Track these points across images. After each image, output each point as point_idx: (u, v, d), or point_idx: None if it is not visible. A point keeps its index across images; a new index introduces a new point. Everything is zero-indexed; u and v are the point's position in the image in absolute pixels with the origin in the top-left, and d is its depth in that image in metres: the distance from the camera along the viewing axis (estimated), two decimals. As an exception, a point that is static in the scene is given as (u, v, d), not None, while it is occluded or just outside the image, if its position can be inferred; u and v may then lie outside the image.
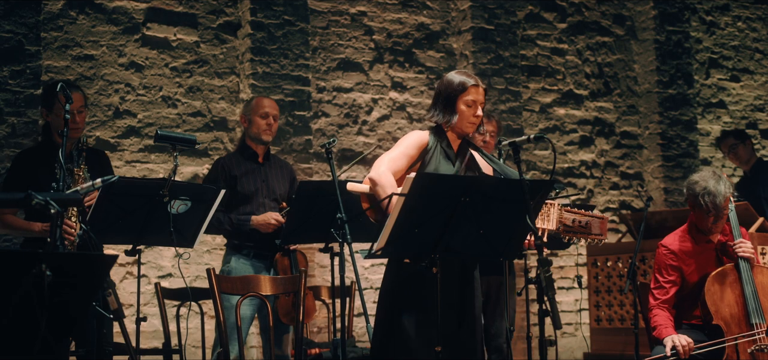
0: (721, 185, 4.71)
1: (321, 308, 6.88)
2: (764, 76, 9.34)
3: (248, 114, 5.54)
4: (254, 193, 5.42)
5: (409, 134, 4.14)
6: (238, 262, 5.37)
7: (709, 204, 4.71)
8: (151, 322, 6.36)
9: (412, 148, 4.06)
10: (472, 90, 4.06)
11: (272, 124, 5.51)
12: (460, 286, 3.97)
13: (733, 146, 7.38)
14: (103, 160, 5.14)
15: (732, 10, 9.28)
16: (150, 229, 4.46)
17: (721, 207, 4.72)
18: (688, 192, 4.83)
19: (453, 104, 4.07)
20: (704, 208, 4.73)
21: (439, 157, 4.05)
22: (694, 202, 4.80)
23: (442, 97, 4.11)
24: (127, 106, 6.81)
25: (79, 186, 4.25)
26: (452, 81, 4.10)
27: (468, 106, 4.06)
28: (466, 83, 4.07)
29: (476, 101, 4.07)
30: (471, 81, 4.08)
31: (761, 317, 4.65)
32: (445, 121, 4.09)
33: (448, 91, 4.09)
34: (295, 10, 7.24)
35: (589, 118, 8.55)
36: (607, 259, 6.88)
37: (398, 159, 4.01)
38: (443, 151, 4.09)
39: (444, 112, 4.09)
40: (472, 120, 4.08)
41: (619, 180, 8.62)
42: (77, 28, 6.69)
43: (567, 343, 8.00)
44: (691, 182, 4.83)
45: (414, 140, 4.08)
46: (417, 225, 3.60)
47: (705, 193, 4.71)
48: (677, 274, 4.86)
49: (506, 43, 8.03)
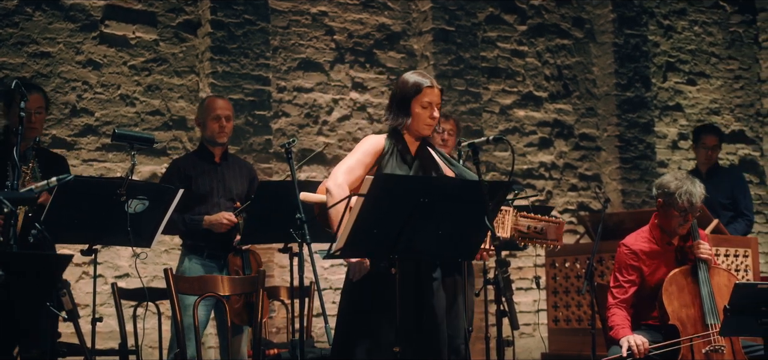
0: (696, 186, 4.79)
1: (280, 308, 6.86)
2: (720, 80, 9.48)
3: (201, 118, 5.51)
4: (209, 193, 5.38)
5: (365, 140, 4.12)
6: (191, 263, 5.33)
7: (686, 202, 4.75)
8: (107, 323, 6.30)
9: (367, 156, 4.04)
10: (427, 91, 4.02)
11: (225, 126, 5.46)
12: (416, 287, 3.97)
13: (715, 147, 7.41)
14: (61, 165, 5.07)
15: (689, 15, 9.40)
16: (107, 228, 4.42)
17: (697, 207, 4.78)
18: (662, 191, 4.83)
19: (407, 106, 4.04)
20: (680, 206, 4.76)
21: (395, 161, 4.04)
22: (668, 200, 4.80)
23: (396, 99, 4.08)
24: (84, 104, 6.73)
25: (32, 185, 4.19)
26: (407, 83, 4.07)
27: (424, 108, 4.03)
28: (421, 85, 4.03)
29: (432, 103, 4.03)
30: (426, 82, 4.04)
31: (717, 318, 4.71)
32: (399, 123, 4.06)
33: (402, 93, 4.07)
34: (256, 9, 7.21)
35: (549, 120, 8.61)
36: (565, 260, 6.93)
37: (355, 168, 4.00)
38: (399, 154, 4.06)
39: (398, 115, 4.07)
40: (429, 121, 4.05)
41: (578, 182, 8.69)
42: (33, 24, 6.60)
43: (525, 343, 8.05)
44: (666, 181, 4.85)
45: (369, 147, 4.07)
46: (376, 226, 3.60)
47: (683, 191, 4.75)
48: (637, 273, 4.91)
49: (467, 44, 8.06)
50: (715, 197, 7.31)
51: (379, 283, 3.89)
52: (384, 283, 3.84)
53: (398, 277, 3.71)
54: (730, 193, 7.30)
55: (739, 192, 7.35)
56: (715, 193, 7.32)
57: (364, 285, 3.97)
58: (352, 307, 4.01)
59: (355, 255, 3.85)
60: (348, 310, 4.04)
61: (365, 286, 3.97)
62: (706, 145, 7.45)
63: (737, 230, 7.14)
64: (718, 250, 6.21)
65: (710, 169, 7.42)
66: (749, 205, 7.37)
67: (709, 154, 7.42)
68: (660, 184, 4.89)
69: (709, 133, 7.49)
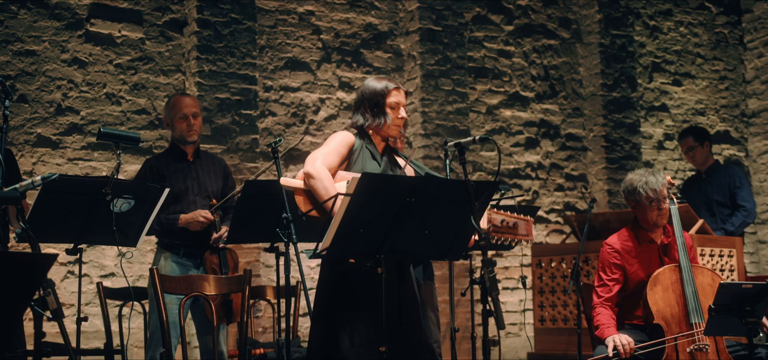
0: (657, 175, 4.90)
1: (266, 308, 6.85)
2: (705, 81, 9.52)
3: (169, 117, 5.42)
4: (184, 192, 5.33)
5: (338, 133, 4.22)
6: (166, 262, 5.29)
7: (649, 193, 4.83)
8: (92, 322, 6.28)
9: (342, 146, 4.14)
10: (394, 93, 4.19)
11: (193, 124, 5.37)
12: (397, 285, 3.97)
13: (690, 148, 7.47)
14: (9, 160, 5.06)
15: (674, 16, 9.44)
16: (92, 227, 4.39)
17: (661, 193, 4.85)
18: (628, 190, 4.95)
19: (382, 107, 4.18)
20: (645, 198, 4.84)
21: (365, 157, 4.14)
22: (635, 197, 4.91)
23: (368, 102, 4.21)
24: (69, 102, 6.70)
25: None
26: (376, 86, 4.22)
27: (392, 109, 4.19)
28: (388, 87, 4.20)
29: (399, 103, 4.19)
30: (393, 84, 4.22)
31: (700, 317, 4.73)
32: (375, 124, 4.19)
33: (374, 96, 4.20)
34: (243, 8, 7.19)
35: (535, 120, 8.63)
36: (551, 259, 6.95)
37: (331, 155, 4.07)
38: (369, 152, 4.18)
39: (374, 116, 4.20)
40: (397, 122, 4.20)
41: (564, 181, 8.72)
42: (18, 22, 6.57)
43: (511, 343, 8.06)
44: (628, 180, 4.98)
45: (344, 139, 4.17)
46: (362, 225, 3.61)
47: (644, 183, 4.85)
48: (620, 272, 4.93)
49: (454, 44, 8.07)
50: (712, 196, 7.35)
51: (353, 281, 3.91)
52: (357, 281, 3.87)
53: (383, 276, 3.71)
54: (726, 190, 7.33)
55: (735, 186, 7.38)
56: (712, 192, 7.36)
57: (337, 283, 3.98)
58: (324, 307, 4.02)
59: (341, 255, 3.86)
60: (321, 309, 4.05)
61: (338, 284, 3.98)
62: (683, 149, 7.56)
63: (734, 224, 7.19)
64: (703, 250, 6.24)
65: (708, 169, 7.46)
66: (746, 196, 7.37)
67: (691, 155, 7.47)
68: (623, 187, 5.02)
69: (683, 136, 7.56)
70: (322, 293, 4.08)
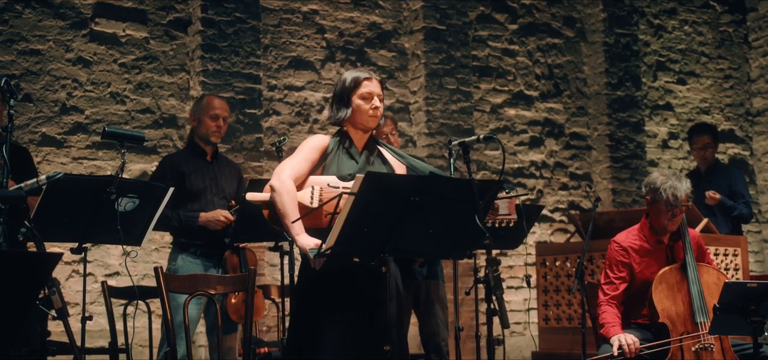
0: (682, 182, 4.86)
1: (270, 307, 6.85)
2: (710, 80, 9.51)
3: (198, 114, 5.48)
4: (203, 191, 5.37)
5: (309, 138, 4.15)
6: (184, 261, 5.30)
7: (670, 197, 4.80)
8: (97, 321, 6.29)
9: (312, 152, 4.06)
10: (365, 83, 4.07)
11: (222, 126, 5.47)
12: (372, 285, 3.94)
13: (706, 146, 7.44)
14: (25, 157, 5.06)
15: (679, 14, 9.43)
16: (97, 227, 4.40)
17: (682, 201, 4.82)
18: (650, 186, 4.91)
19: (347, 100, 4.08)
20: (665, 201, 4.81)
21: (340, 157, 4.07)
22: (655, 196, 4.87)
23: (336, 96, 4.13)
24: (74, 102, 6.71)
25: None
26: (345, 79, 4.12)
27: (364, 99, 4.06)
28: (358, 78, 4.09)
29: (372, 93, 4.07)
30: (363, 75, 4.10)
31: (706, 316, 4.72)
32: (340, 117, 4.10)
33: (342, 89, 4.11)
34: (247, 7, 7.20)
35: (539, 119, 8.62)
36: (555, 258, 6.94)
37: (299, 164, 4.01)
38: (346, 150, 4.10)
39: (339, 109, 4.10)
40: (371, 113, 4.07)
41: (568, 180, 8.71)
42: (23, 22, 6.58)
43: (515, 342, 8.06)
44: (653, 178, 4.94)
45: (314, 144, 4.09)
46: (366, 224, 3.60)
47: (668, 186, 4.82)
48: (627, 270, 4.92)
49: (458, 43, 8.07)
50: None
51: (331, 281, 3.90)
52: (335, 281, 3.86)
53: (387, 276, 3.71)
54: (726, 191, 7.33)
55: (736, 185, 7.38)
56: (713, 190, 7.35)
57: (314, 283, 3.97)
58: (303, 307, 4.02)
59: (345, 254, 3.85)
60: (299, 309, 4.05)
61: (317, 284, 3.96)
62: (697, 145, 7.50)
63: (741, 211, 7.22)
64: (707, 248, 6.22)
65: (709, 168, 7.45)
66: (746, 195, 7.40)
67: (703, 153, 7.44)
68: (647, 181, 4.97)
69: (701, 133, 7.52)
70: (299, 294, 4.09)
